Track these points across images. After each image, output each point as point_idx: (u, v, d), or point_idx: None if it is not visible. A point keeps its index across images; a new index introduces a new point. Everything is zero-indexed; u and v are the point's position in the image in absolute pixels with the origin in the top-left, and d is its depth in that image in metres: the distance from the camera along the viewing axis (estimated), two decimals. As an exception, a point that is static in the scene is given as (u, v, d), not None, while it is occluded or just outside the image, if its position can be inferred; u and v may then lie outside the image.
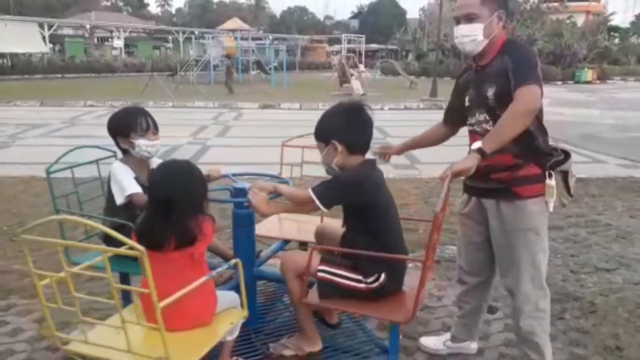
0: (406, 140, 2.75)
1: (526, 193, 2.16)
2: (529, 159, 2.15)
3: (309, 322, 2.36)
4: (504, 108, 2.03)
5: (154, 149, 2.55)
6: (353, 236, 2.20)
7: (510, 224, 2.21)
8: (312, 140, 2.31)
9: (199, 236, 1.87)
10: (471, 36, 2.14)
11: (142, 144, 2.49)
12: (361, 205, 2.12)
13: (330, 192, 2.08)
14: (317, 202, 2.04)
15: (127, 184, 2.42)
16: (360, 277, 2.11)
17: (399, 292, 2.20)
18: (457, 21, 2.19)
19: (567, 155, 2.21)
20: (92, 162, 2.74)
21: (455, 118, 2.50)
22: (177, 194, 1.86)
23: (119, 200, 2.43)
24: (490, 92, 2.13)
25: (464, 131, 2.46)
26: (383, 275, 2.11)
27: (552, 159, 2.17)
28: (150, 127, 2.53)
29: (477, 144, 2.00)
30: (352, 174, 2.15)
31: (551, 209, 2.19)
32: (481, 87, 2.19)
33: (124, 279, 2.66)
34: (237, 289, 2.01)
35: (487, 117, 2.18)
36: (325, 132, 2.19)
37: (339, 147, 2.14)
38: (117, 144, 2.57)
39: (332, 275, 2.14)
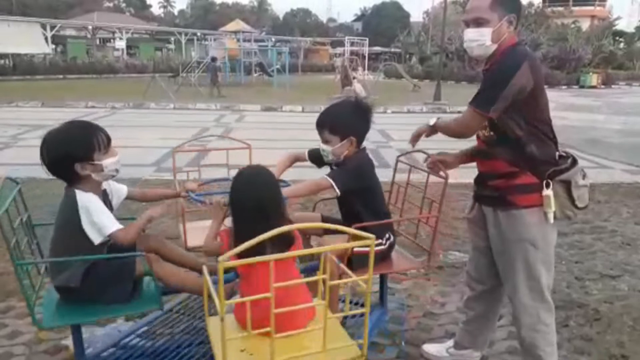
0: (466, 149, 2.44)
1: (522, 202, 2.10)
2: (524, 167, 2.09)
3: (337, 301, 2.49)
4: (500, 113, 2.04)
5: (119, 164, 2.22)
6: (358, 213, 2.47)
7: (507, 233, 2.16)
8: (205, 144, 2.35)
9: (294, 239, 1.86)
10: (479, 41, 2.07)
11: (109, 164, 2.15)
12: (365, 187, 2.47)
13: (345, 178, 2.37)
14: (335, 186, 2.33)
15: (106, 220, 2.08)
16: (380, 241, 2.50)
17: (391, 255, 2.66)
18: (466, 24, 2.12)
19: (574, 164, 2.12)
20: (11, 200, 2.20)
21: None
22: (269, 199, 1.87)
23: (97, 238, 2.08)
24: None
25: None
26: (391, 236, 2.57)
27: (552, 168, 2.08)
28: (110, 141, 2.19)
29: (432, 120, 2.29)
30: (358, 161, 2.46)
31: (551, 221, 2.08)
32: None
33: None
34: None
35: (486, 122, 2.15)
36: (344, 128, 2.43)
37: (354, 142, 2.44)
38: (72, 172, 2.11)
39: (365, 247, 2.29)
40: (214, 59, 21.77)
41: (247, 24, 34.56)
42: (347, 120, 2.46)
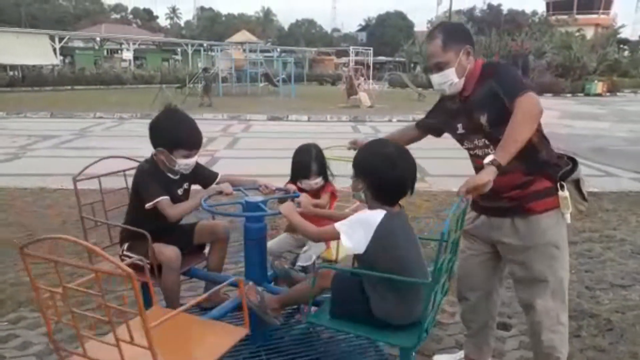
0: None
1: (540, 207, 2.14)
2: (538, 173, 2.13)
3: None
4: (502, 131, 1.98)
5: None
6: None
7: (529, 240, 2.18)
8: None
9: None
10: (447, 82, 2.16)
11: None
12: None
13: None
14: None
15: None
16: None
17: None
18: (430, 70, 2.22)
19: (574, 163, 2.19)
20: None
21: (427, 130, 2.59)
22: None
23: None
24: (484, 119, 2.12)
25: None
26: None
27: (561, 170, 2.14)
28: None
29: (490, 157, 1.92)
30: None
31: (568, 220, 2.17)
32: (472, 116, 2.17)
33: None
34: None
35: (487, 142, 2.18)
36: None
37: None
38: None
39: None
40: (206, 69, 22.10)
41: (253, 34, 34.68)
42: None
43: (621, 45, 42.97)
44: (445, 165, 7.80)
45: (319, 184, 2.96)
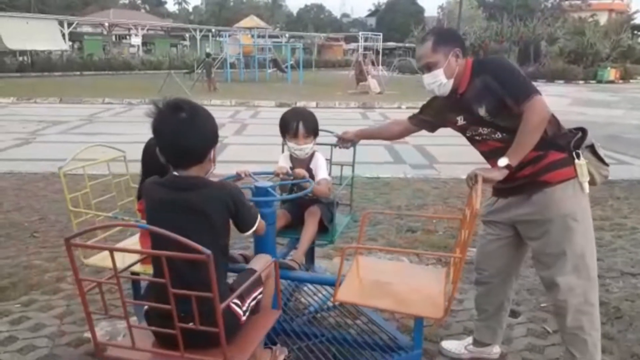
0: (364, 128, 3.05)
1: (555, 178, 2.13)
2: (548, 148, 2.13)
3: None
4: (503, 117, 2.12)
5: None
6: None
7: (546, 212, 2.16)
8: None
9: None
10: (436, 82, 2.25)
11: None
12: None
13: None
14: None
15: None
16: None
17: None
18: (421, 71, 2.33)
19: (583, 131, 2.19)
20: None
21: (421, 125, 2.65)
22: None
23: None
24: (482, 111, 2.16)
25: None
26: None
27: (571, 139, 2.14)
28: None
29: (504, 161, 2.03)
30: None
31: (587, 190, 2.14)
32: (471, 109, 2.21)
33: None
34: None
35: (493, 129, 2.20)
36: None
37: None
38: None
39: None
40: (208, 55, 22.09)
41: (261, 20, 34.57)
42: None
43: (635, 32, 42.16)
44: (453, 153, 7.74)
45: None
